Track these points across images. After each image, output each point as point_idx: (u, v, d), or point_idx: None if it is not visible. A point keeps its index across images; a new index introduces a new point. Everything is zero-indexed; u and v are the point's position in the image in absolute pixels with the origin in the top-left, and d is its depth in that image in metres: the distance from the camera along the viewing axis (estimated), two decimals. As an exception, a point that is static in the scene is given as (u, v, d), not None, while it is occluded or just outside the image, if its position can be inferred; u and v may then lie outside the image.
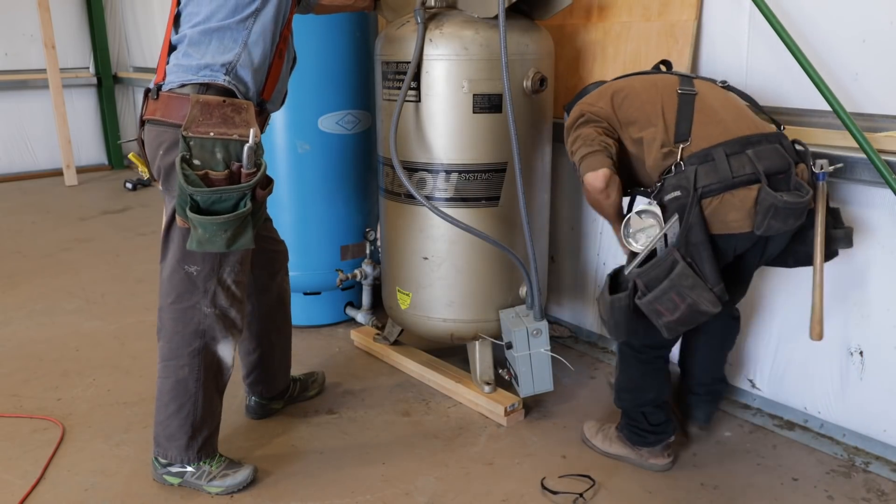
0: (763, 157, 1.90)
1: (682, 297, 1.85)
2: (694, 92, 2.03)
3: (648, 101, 2.05)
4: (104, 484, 2.29)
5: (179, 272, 2.10)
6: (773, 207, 1.84)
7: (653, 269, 1.88)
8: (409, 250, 2.71)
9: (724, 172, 1.88)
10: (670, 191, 1.93)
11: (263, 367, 2.56)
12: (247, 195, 1.95)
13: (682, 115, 1.97)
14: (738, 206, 1.89)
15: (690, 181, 1.89)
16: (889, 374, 2.30)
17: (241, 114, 1.98)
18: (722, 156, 1.89)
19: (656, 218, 1.92)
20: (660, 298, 1.87)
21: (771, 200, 1.83)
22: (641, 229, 1.94)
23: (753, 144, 1.92)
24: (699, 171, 1.89)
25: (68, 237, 5.01)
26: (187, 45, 2.01)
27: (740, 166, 1.88)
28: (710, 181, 1.89)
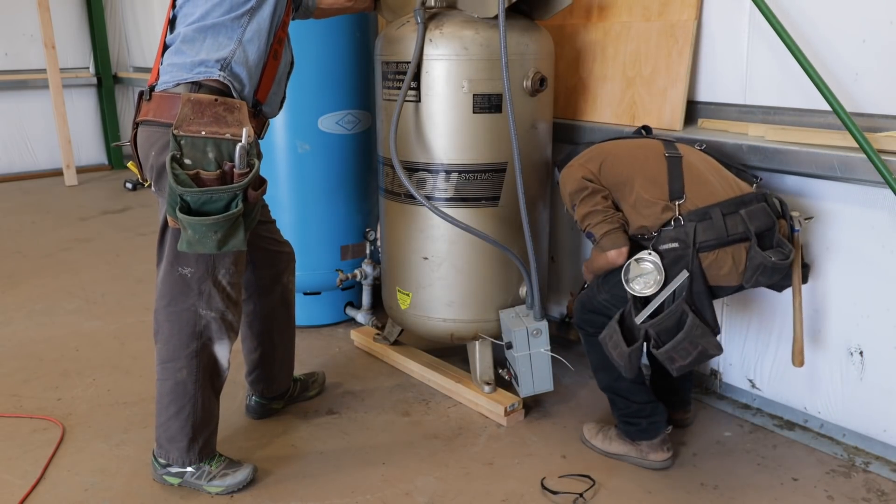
0: (754, 217, 2.07)
1: (694, 346, 2.02)
2: (679, 155, 2.19)
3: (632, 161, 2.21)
4: (104, 484, 2.29)
5: (173, 274, 2.09)
6: (762, 266, 2.03)
7: (665, 320, 2.03)
8: (409, 250, 2.71)
9: (720, 230, 2.05)
10: (667, 242, 2.08)
11: (265, 367, 2.56)
12: (238, 196, 1.93)
13: (672, 176, 2.14)
14: (731, 262, 2.06)
15: (690, 236, 2.05)
16: (889, 374, 2.30)
17: (233, 113, 1.97)
18: (719, 215, 2.06)
19: (654, 265, 2.06)
20: (675, 348, 2.03)
21: (761, 260, 2.02)
22: (640, 275, 2.08)
23: (746, 205, 2.09)
24: (698, 227, 2.06)
25: (68, 237, 5.01)
26: (181, 43, 2.01)
27: (734, 225, 2.05)
28: (707, 237, 2.05)
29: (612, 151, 2.28)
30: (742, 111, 2.58)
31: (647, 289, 2.06)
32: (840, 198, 2.31)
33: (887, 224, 2.22)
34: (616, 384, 2.32)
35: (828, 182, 2.29)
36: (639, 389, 2.31)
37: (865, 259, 2.29)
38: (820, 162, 2.19)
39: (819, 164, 2.20)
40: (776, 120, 2.49)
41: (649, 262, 2.06)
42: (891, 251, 2.23)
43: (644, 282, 2.07)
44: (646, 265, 2.07)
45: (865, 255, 2.29)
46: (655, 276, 2.05)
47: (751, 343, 2.64)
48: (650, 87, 2.70)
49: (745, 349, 2.66)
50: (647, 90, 2.71)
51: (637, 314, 2.07)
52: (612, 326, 2.14)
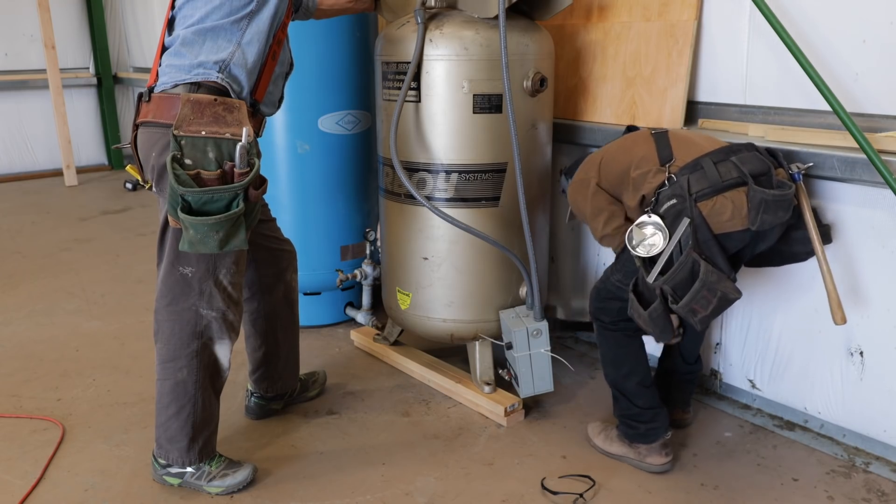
0: (746, 161, 2.06)
1: (712, 293, 1.98)
2: (665, 129, 2.26)
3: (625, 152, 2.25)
4: (104, 484, 2.29)
5: (174, 274, 2.10)
6: (763, 202, 1.99)
7: (677, 273, 2.01)
8: (409, 250, 2.71)
9: (713, 177, 2.04)
10: (666, 201, 2.08)
11: (269, 365, 2.56)
12: (239, 195, 1.93)
13: (660, 146, 2.17)
14: (731, 207, 2.03)
15: (685, 188, 2.05)
16: (889, 374, 2.30)
17: (233, 113, 1.97)
18: (710, 163, 2.06)
19: (656, 226, 2.06)
20: (695, 298, 1.99)
21: (761, 196, 1.99)
22: (643, 239, 2.08)
23: (735, 152, 2.09)
24: (691, 178, 2.06)
25: (68, 237, 5.01)
26: (180, 45, 2.01)
27: (727, 171, 2.05)
28: (702, 186, 2.04)
29: (605, 151, 2.33)
30: (742, 111, 2.58)
31: (654, 249, 2.05)
32: (840, 198, 2.31)
33: (887, 224, 2.22)
34: (622, 383, 2.32)
35: (828, 182, 2.29)
36: (643, 393, 2.30)
37: (865, 259, 2.29)
38: (820, 162, 2.19)
39: (819, 164, 2.20)
40: (776, 120, 2.49)
41: (650, 224, 2.06)
42: (891, 251, 2.23)
43: (649, 244, 2.06)
44: (647, 228, 2.07)
45: (865, 256, 2.29)
46: (659, 238, 2.05)
47: (751, 343, 2.63)
48: (650, 88, 2.70)
49: (745, 349, 2.66)
50: (647, 90, 2.71)
51: (648, 275, 2.06)
52: (630, 297, 2.13)
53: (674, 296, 2.02)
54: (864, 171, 2.09)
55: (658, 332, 2.12)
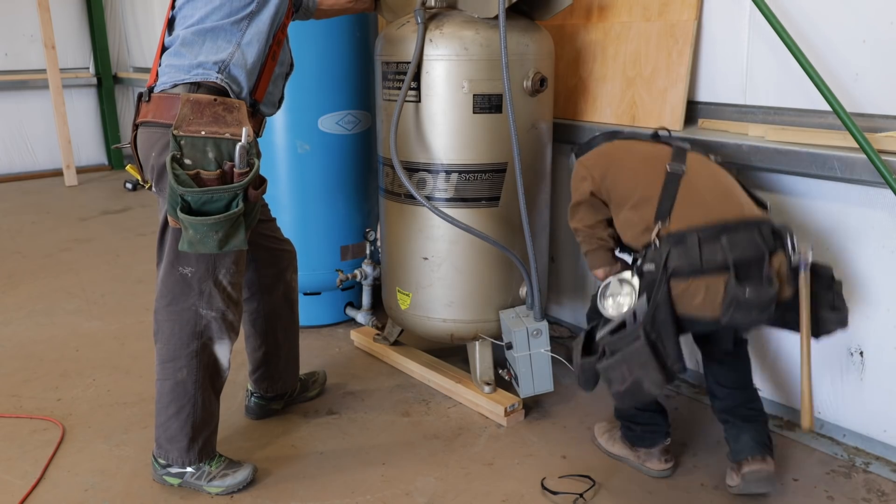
0: (736, 245, 1.90)
1: (630, 372, 1.88)
2: (681, 172, 2.05)
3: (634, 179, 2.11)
4: (104, 484, 2.29)
5: (174, 274, 2.09)
6: (735, 300, 1.85)
7: (620, 340, 1.92)
8: (409, 250, 2.71)
9: (693, 259, 1.90)
10: (648, 263, 1.97)
11: (269, 364, 2.56)
12: (239, 195, 1.94)
13: (665, 194, 2.01)
14: (704, 293, 1.90)
15: (662, 260, 1.92)
16: (889, 375, 2.30)
17: (232, 113, 1.97)
18: (694, 241, 1.91)
19: (633, 289, 1.97)
20: (612, 367, 1.91)
21: (734, 293, 1.85)
22: (616, 294, 2.01)
23: (729, 231, 1.92)
24: (672, 252, 1.92)
25: (68, 237, 5.01)
26: (180, 45, 2.01)
27: (711, 253, 1.89)
28: (679, 264, 1.91)
29: (619, 160, 2.20)
30: (742, 111, 2.58)
31: (621, 308, 1.99)
32: (840, 198, 2.31)
33: (887, 224, 2.22)
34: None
35: (828, 182, 2.29)
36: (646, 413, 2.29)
37: (865, 259, 2.29)
38: (820, 162, 2.19)
39: (819, 164, 2.20)
40: (776, 120, 2.49)
41: (629, 283, 2.00)
42: (891, 251, 2.23)
43: (617, 304, 2.00)
44: (626, 287, 2.00)
45: (865, 256, 2.28)
46: (629, 301, 1.97)
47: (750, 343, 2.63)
48: (650, 88, 2.70)
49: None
50: (647, 90, 2.71)
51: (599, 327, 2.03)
52: (580, 335, 2.09)
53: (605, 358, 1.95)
54: (864, 171, 2.09)
55: (583, 381, 2.06)
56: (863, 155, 2.07)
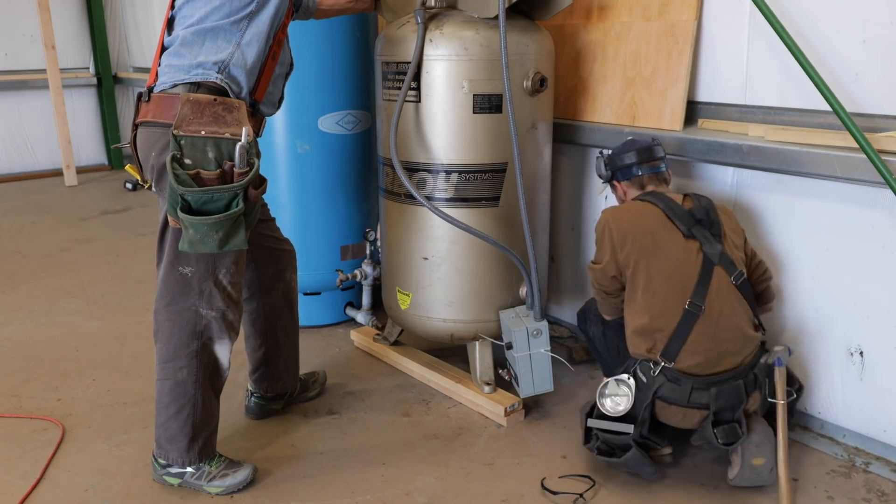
0: (722, 396, 2.14)
1: (628, 468, 2.23)
2: (700, 310, 2.15)
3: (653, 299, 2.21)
4: (104, 484, 2.29)
5: (174, 274, 2.09)
6: (706, 441, 2.18)
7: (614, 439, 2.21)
8: (409, 250, 2.71)
9: (682, 397, 2.16)
10: (641, 372, 2.20)
11: (268, 364, 2.56)
12: (239, 195, 1.94)
13: (677, 335, 2.16)
14: (682, 416, 2.20)
15: (654, 386, 2.17)
16: (889, 374, 2.30)
17: (232, 112, 1.97)
18: (688, 388, 2.15)
19: (629, 392, 2.19)
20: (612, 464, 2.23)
21: (706, 436, 2.16)
22: (614, 395, 2.21)
23: (720, 384, 2.15)
24: (665, 385, 2.16)
25: (68, 237, 5.01)
26: (179, 45, 2.01)
27: (698, 398, 2.15)
28: (669, 395, 2.17)
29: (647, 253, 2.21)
30: (742, 111, 2.58)
31: (617, 408, 2.19)
32: (840, 198, 2.31)
33: (887, 224, 2.22)
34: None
35: (828, 182, 2.29)
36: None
37: (865, 259, 2.29)
38: (820, 162, 2.19)
39: (819, 164, 2.20)
40: (776, 120, 2.49)
41: (626, 385, 2.19)
42: (891, 251, 2.23)
43: (615, 402, 2.20)
44: (623, 388, 2.20)
45: (865, 255, 2.28)
46: (626, 402, 2.19)
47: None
48: (650, 88, 2.70)
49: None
50: (647, 90, 2.71)
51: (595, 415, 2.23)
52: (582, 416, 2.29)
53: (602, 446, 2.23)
54: (864, 171, 2.09)
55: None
56: (863, 155, 2.07)
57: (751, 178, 2.54)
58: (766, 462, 2.17)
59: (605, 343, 2.50)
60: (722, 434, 2.13)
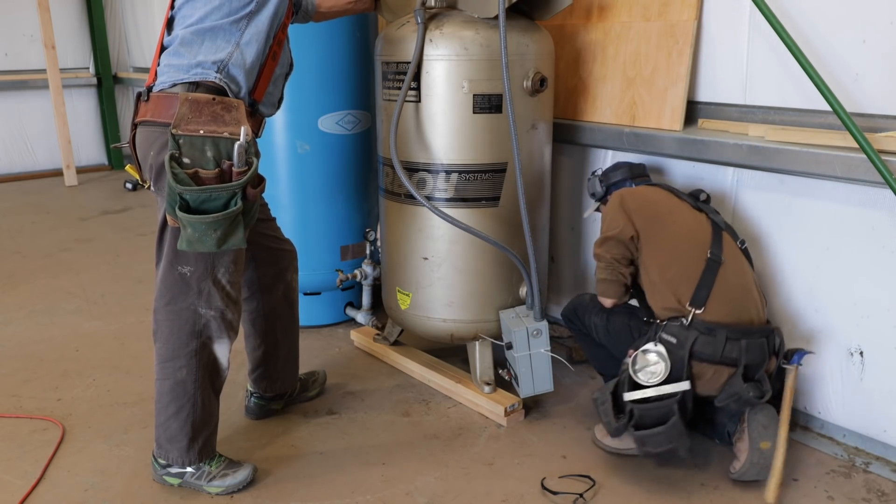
0: (751, 350, 2.17)
1: (668, 441, 2.14)
2: (720, 261, 2.25)
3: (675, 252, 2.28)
4: (104, 484, 2.29)
5: (173, 273, 2.09)
6: (737, 395, 2.16)
7: (652, 409, 2.15)
8: (409, 250, 2.71)
9: (717, 350, 2.16)
10: (669, 334, 2.19)
11: (268, 364, 2.56)
12: (237, 194, 1.94)
13: (704, 281, 2.22)
14: (711, 374, 2.19)
15: (688, 342, 2.16)
16: (889, 375, 2.30)
17: (231, 112, 1.97)
18: (723, 337, 2.16)
19: (660, 356, 2.16)
20: (651, 437, 2.15)
21: (737, 390, 2.15)
22: (646, 366, 2.18)
23: (748, 336, 2.18)
24: (700, 338, 2.16)
25: (68, 237, 5.01)
26: (179, 45, 2.01)
27: (731, 350, 2.16)
28: (704, 350, 2.16)
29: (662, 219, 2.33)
30: (742, 111, 2.58)
31: (654, 378, 2.16)
32: (840, 198, 2.31)
33: (887, 224, 2.22)
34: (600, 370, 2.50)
35: (828, 182, 2.29)
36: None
37: (865, 259, 2.29)
38: (820, 162, 2.19)
39: (819, 164, 2.20)
40: (776, 120, 2.49)
41: (654, 353, 2.17)
42: (891, 251, 2.23)
43: (651, 372, 2.17)
44: (651, 356, 2.17)
45: (865, 256, 2.28)
46: (661, 367, 2.16)
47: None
48: (650, 88, 2.70)
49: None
50: (648, 90, 2.71)
51: (628, 390, 2.18)
52: (606, 396, 2.23)
53: (638, 423, 2.15)
54: (864, 171, 2.09)
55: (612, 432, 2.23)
56: (863, 155, 2.07)
57: (751, 178, 2.54)
58: (771, 446, 2.19)
59: (608, 330, 2.45)
60: (753, 388, 2.14)
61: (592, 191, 2.66)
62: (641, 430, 2.14)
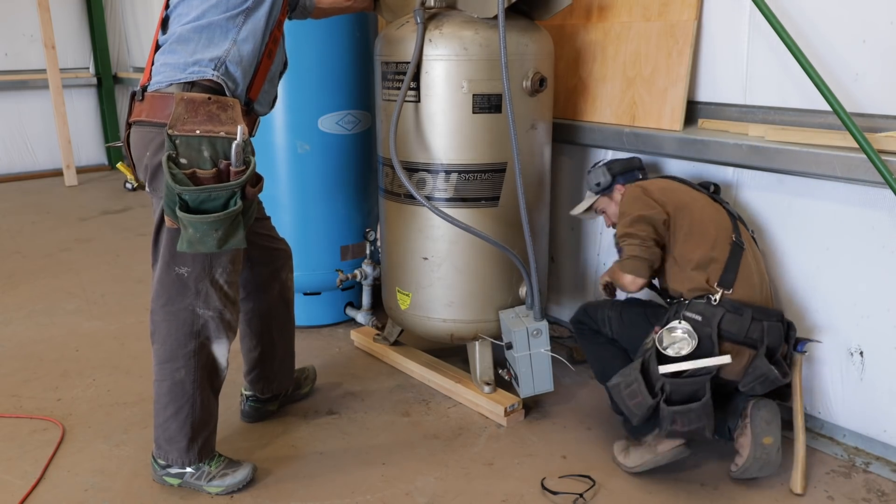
0: (771, 332, 2.18)
1: (698, 420, 2.11)
2: (743, 246, 2.29)
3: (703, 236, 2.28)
4: (104, 484, 2.29)
5: (170, 274, 2.09)
6: (764, 376, 2.13)
7: (685, 384, 2.12)
8: (408, 250, 2.71)
9: (742, 329, 2.16)
10: (693, 312, 2.19)
11: (264, 365, 2.55)
12: (236, 193, 1.93)
13: (730, 265, 2.24)
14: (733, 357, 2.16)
15: (715, 319, 2.16)
16: (889, 375, 2.30)
17: (226, 111, 1.97)
18: (749, 317, 2.17)
19: (686, 331, 2.16)
20: (683, 413, 2.11)
21: (764, 370, 2.13)
22: (673, 341, 2.17)
23: (770, 318, 2.20)
24: (727, 316, 2.16)
25: (68, 237, 5.01)
26: (175, 42, 2.01)
27: (754, 330, 2.17)
28: (730, 329, 2.16)
29: (688, 207, 2.33)
30: (742, 111, 2.58)
31: (683, 350, 2.15)
32: (840, 198, 2.31)
33: (887, 224, 2.22)
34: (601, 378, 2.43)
35: (828, 182, 2.29)
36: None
37: (865, 259, 2.29)
38: (820, 162, 2.19)
39: (819, 164, 2.20)
40: (776, 120, 2.49)
41: (681, 329, 2.17)
42: (891, 251, 2.23)
43: (679, 346, 2.16)
44: (677, 333, 2.17)
45: (865, 256, 2.28)
46: (689, 340, 2.15)
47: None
48: (650, 88, 2.70)
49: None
50: (648, 90, 2.71)
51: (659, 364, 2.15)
52: (633, 375, 2.19)
53: (668, 398, 2.12)
54: (864, 171, 2.09)
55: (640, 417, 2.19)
56: (863, 155, 2.07)
57: (751, 178, 2.54)
58: (774, 441, 2.19)
59: (622, 320, 2.43)
60: (778, 367, 2.15)
61: (597, 181, 2.61)
62: (673, 405, 2.11)
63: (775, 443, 2.19)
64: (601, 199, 2.64)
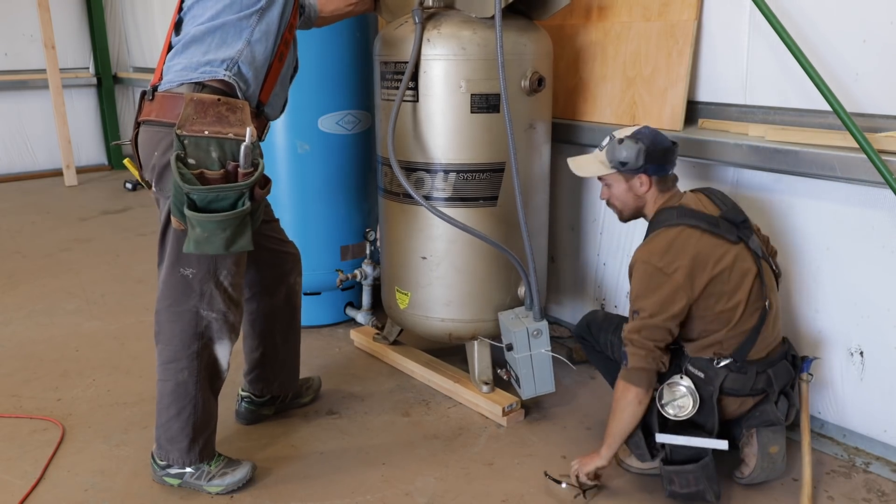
0: (779, 376, 2.17)
1: (697, 482, 2.08)
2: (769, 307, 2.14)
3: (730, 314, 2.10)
4: (104, 484, 2.29)
5: (175, 275, 2.09)
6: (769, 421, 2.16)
7: (686, 449, 2.10)
8: (407, 250, 2.71)
9: (746, 386, 2.13)
10: (696, 368, 2.14)
11: (265, 367, 2.55)
12: (245, 195, 1.93)
13: (750, 336, 2.12)
14: (737, 405, 2.17)
15: (718, 378, 2.11)
16: (889, 375, 2.30)
17: (236, 113, 1.96)
18: (752, 375, 2.13)
19: (688, 390, 2.11)
20: (680, 474, 2.09)
21: (771, 417, 2.16)
22: (673, 399, 2.12)
23: (775, 364, 2.17)
24: (730, 376, 2.12)
25: (68, 237, 5.01)
26: (189, 42, 2.01)
27: (759, 383, 2.14)
28: (734, 387, 2.13)
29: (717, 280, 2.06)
30: (742, 111, 2.58)
31: (683, 412, 2.11)
32: (840, 198, 2.30)
33: (887, 224, 2.22)
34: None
35: (828, 182, 2.29)
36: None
37: (865, 259, 2.29)
38: (820, 162, 2.19)
39: (819, 164, 2.19)
40: (776, 120, 2.49)
41: (683, 386, 2.11)
42: (891, 251, 2.23)
43: (679, 406, 2.11)
44: (679, 389, 2.11)
45: (865, 256, 2.28)
46: (689, 402, 2.10)
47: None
48: (650, 88, 2.70)
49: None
50: (648, 90, 2.71)
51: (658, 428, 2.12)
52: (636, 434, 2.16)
53: (668, 457, 2.12)
54: (864, 171, 2.09)
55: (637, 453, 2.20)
56: (863, 155, 2.07)
57: (751, 178, 2.54)
58: (779, 450, 2.18)
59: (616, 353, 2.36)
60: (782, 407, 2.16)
61: (624, 158, 2.14)
62: (671, 466, 2.09)
63: (781, 451, 2.18)
64: (615, 174, 2.23)
